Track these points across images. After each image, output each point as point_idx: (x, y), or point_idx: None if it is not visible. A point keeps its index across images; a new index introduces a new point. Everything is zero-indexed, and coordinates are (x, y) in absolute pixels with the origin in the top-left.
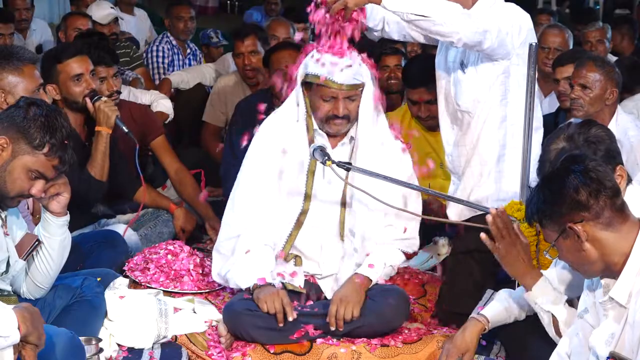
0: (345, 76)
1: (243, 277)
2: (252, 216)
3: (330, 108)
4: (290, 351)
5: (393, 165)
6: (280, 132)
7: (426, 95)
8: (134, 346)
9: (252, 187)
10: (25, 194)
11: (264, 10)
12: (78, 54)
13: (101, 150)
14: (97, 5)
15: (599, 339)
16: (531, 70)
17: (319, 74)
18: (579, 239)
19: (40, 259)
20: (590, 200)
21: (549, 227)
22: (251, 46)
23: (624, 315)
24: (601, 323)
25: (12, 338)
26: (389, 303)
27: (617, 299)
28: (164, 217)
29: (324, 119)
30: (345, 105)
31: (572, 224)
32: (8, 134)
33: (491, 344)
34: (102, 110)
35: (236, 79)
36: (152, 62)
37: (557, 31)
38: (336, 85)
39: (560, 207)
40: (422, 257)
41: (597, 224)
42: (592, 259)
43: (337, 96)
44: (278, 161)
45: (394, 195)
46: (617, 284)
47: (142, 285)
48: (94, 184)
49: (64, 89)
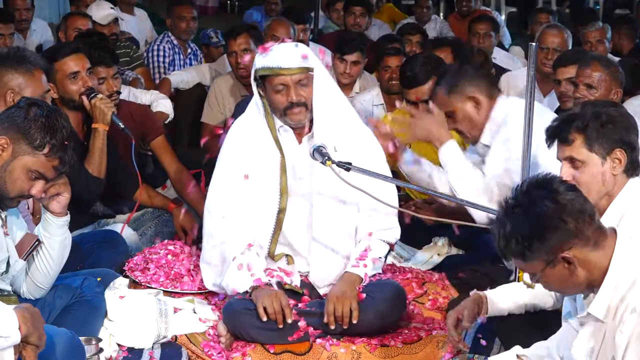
0: (292, 60)
1: (239, 283)
2: (232, 221)
3: (285, 98)
4: (290, 351)
5: (361, 152)
6: (245, 136)
7: (423, 95)
8: (134, 346)
9: (225, 193)
10: (25, 194)
11: (264, 10)
12: (74, 52)
13: (98, 147)
14: (97, 6)
15: (579, 351)
16: (531, 70)
17: (266, 65)
18: (569, 265)
19: (41, 259)
20: (577, 226)
21: (533, 260)
22: (244, 44)
23: (602, 330)
24: (579, 333)
25: (13, 338)
26: (385, 298)
27: (595, 314)
28: (164, 217)
29: (282, 112)
30: (297, 91)
31: (563, 254)
32: (8, 134)
33: (491, 344)
34: (98, 107)
35: (232, 79)
36: (153, 62)
37: (555, 31)
38: (285, 70)
39: (548, 239)
40: (423, 257)
41: (586, 246)
42: (581, 280)
43: (287, 83)
44: (247, 165)
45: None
46: (596, 299)
47: (142, 285)
48: (92, 180)
49: (61, 87)
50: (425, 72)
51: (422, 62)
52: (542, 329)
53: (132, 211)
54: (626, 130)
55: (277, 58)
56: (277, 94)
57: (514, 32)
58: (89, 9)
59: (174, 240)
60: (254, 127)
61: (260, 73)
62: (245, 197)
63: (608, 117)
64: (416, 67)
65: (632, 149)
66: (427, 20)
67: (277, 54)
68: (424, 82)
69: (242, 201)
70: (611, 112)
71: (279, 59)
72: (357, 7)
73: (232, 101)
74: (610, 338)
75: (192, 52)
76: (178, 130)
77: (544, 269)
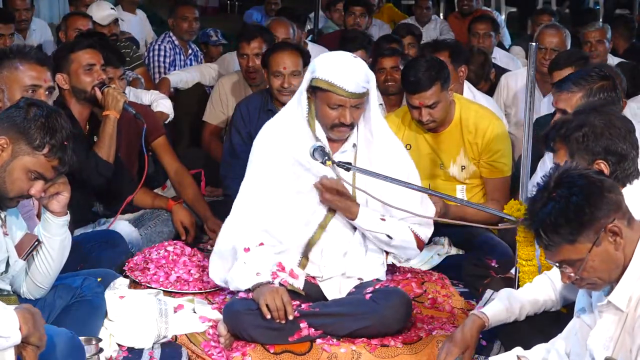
0: (355, 85)
1: (242, 279)
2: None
3: (337, 116)
4: (290, 351)
5: (397, 167)
6: (283, 138)
7: (426, 100)
8: (134, 346)
9: (257, 194)
10: (24, 194)
11: (264, 10)
12: (91, 47)
13: (109, 132)
14: (97, 6)
15: (596, 341)
16: (531, 70)
17: (328, 80)
18: (615, 238)
19: (41, 259)
20: (618, 198)
21: (581, 241)
22: (257, 49)
23: (622, 319)
24: (597, 323)
25: (13, 339)
26: (390, 305)
27: (616, 303)
28: (164, 217)
29: (329, 126)
30: (351, 114)
31: (610, 225)
32: (8, 134)
33: (491, 344)
34: (111, 94)
35: (237, 79)
36: (154, 62)
37: (554, 31)
38: (346, 93)
39: (596, 213)
40: (424, 256)
41: (623, 219)
42: (620, 261)
43: (345, 105)
44: (286, 166)
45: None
46: (618, 287)
47: (142, 285)
48: (101, 164)
49: (74, 78)
50: (429, 77)
51: (426, 67)
52: (543, 331)
53: (123, 204)
54: (612, 140)
55: (342, 77)
56: (330, 109)
57: (514, 32)
58: (89, 9)
59: (175, 241)
60: (292, 128)
61: (317, 84)
62: (282, 199)
63: (591, 128)
64: (419, 72)
65: (620, 158)
66: (427, 21)
67: (343, 72)
68: (427, 88)
69: (277, 204)
70: (597, 122)
71: (344, 79)
72: (357, 7)
73: (234, 101)
74: (630, 328)
75: (193, 53)
76: (178, 130)
77: (591, 250)
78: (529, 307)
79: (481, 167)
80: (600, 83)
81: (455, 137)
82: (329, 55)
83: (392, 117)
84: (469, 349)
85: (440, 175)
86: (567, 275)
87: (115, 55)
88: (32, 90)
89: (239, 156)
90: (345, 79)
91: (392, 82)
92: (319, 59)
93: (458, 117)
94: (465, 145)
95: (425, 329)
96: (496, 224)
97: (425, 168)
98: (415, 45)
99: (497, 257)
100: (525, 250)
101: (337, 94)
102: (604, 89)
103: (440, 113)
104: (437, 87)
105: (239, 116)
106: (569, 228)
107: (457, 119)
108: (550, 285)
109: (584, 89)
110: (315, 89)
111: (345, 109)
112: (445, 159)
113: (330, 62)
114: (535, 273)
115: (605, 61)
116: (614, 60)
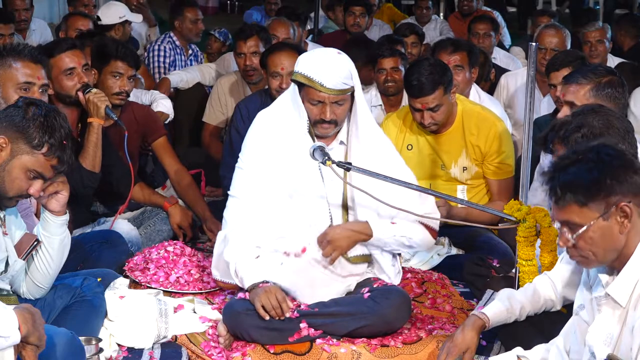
0: (335, 81)
1: (251, 275)
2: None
3: (318, 112)
4: (290, 351)
5: (388, 165)
6: (279, 128)
7: (429, 104)
8: (134, 346)
9: (255, 185)
10: (23, 193)
11: (264, 10)
12: (70, 48)
13: (93, 141)
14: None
15: (596, 337)
16: (531, 70)
17: (307, 74)
18: (623, 220)
19: (40, 258)
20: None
21: (591, 206)
22: (254, 47)
23: (622, 315)
24: (595, 318)
25: (13, 338)
26: (390, 304)
27: (615, 297)
28: (163, 215)
29: (312, 122)
30: (332, 110)
31: (625, 204)
32: (7, 133)
33: (491, 344)
34: (91, 101)
35: (236, 79)
36: (153, 62)
37: (553, 31)
38: (324, 89)
39: (616, 186)
40: (424, 256)
41: (638, 207)
42: (620, 245)
43: (324, 100)
44: (284, 163)
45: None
46: (617, 280)
47: (142, 285)
48: (86, 175)
49: (57, 84)
50: (432, 81)
51: (429, 71)
52: (543, 331)
53: (124, 204)
54: (611, 140)
55: (321, 72)
56: (311, 105)
57: (514, 32)
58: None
59: (175, 241)
60: (286, 123)
61: (297, 78)
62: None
63: (590, 129)
64: (422, 76)
65: None
66: (427, 21)
67: (322, 68)
68: (430, 92)
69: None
70: (596, 123)
71: (322, 74)
72: (357, 7)
73: (233, 101)
74: (630, 326)
75: (193, 53)
76: (178, 130)
77: (597, 219)
78: (529, 307)
79: (485, 169)
80: (608, 77)
81: (457, 138)
82: (314, 51)
83: (394, 117)
84: (469, 349)
85: (441, 175)
86: (565, 238)
87: (132, 54)
88: (25, 88)
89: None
90: (323, 75)
91: (392, 83)
92: (303, 55)
93: (460, 118)
94: (467, 146)
95: (425, 329)
96: (496, 224)
97: (427, 169)
98: (418, 44)
99: (498, 257)
100: (525, 250)
101: (315, 89)
102: (612, 84)
103: (442, 116)
104: (440, 91)
105: (238, 116)
106: (584, 190)
107: (459, 121)
108: (550, 285)
109: (592, 81)
110: (299, 84)
111: (325, 105)
112: (447, 160)
113: (311, 57)
114: (535, 273)
115: (605, 61)
116: (614, 60)
